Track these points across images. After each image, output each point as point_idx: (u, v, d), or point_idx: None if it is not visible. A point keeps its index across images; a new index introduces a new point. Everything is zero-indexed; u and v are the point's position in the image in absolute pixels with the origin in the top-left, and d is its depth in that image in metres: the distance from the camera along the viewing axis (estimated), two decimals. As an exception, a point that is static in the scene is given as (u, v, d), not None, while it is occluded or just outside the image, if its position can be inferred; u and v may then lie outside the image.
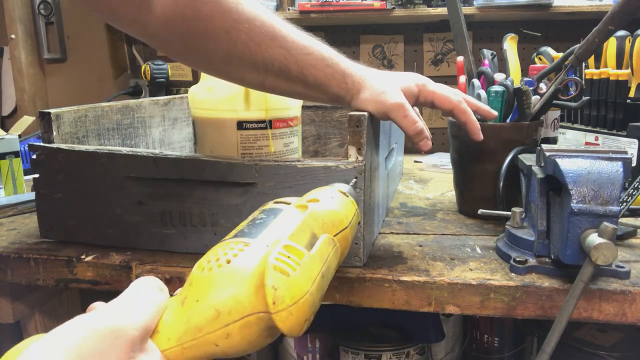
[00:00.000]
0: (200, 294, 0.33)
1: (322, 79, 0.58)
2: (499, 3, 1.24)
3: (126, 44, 1.57)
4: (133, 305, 0.32)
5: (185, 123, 0.98)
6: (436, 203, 0.87)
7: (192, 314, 0.32)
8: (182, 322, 0.32)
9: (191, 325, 0.32)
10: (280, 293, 0.32)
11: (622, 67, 0.88)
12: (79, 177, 0.65)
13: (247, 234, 0.37)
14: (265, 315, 0.32)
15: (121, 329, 0.30)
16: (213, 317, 0.32)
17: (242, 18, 0.55)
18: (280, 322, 0.32)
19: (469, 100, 0.65)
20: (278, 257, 0.34)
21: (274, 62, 0.57)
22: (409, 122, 0.58)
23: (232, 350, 0.33)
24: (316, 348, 1.03)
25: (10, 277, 0.65)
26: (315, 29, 1.42)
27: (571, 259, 0.50)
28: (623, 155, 0.53)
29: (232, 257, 0.34)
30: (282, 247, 0.35)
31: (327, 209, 0.42)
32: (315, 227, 0.39)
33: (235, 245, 0.35)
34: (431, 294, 0.56)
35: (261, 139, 0.74)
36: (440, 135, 1.46)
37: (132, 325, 0.31)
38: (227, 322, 0.32)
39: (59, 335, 0.30)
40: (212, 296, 0.32)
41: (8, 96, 1.59)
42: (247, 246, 0.35)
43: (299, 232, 0.37)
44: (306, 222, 0.39)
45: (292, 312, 0.32)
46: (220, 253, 0.34)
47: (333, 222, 0.42)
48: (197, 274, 0.34)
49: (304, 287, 0.34)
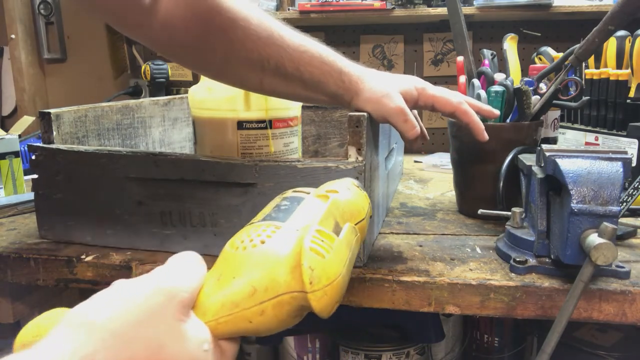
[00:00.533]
0: (236, 271, 0.34)
1: (319, 76, 0.58)
2: (499, 3, 1.24)
3: (126, 44, 1.57)
4: (183, 272, 0.34)
5: (185, 123, 0.98)
6: (436, 203, 0.87)
7: (228, 290, 0.34)
8: (219, 297, 0.34)
9: (227, 300, 0.33)
10: (316, 273, 0.34)
11: (622, 67, 0.88)
12: (78, 177, 0.65)
13: (276, 218, 0.38)
14: (298, 295, 0.34)
15: (176, 290, 0.32)
16: (250, 293, 0.33)
17: (238, 17, 0.56)
18: (315, 302, 0.34)
19: (470, 101, 0.65)
20: (313, 239, 0.35)
21: (270, 60, 0.57)
22: (409, 126, 0.58)
23: (263, 327, 0.34)
24: (316, 348, 1.03)
25: (10, 277, 0.65)
26: (315, 29, 1.43)
27: (571, 259, 0.50)
28: (623, 155, 0.53)
29: (266, 238, 0.35)
30: (315, 231, 0.36)
31: (347, 199, 0.44)
32: (338, 216, 0.41)
33: (267, 228, 0.36)
34: (431, 294, 0.56)
35: (261, 139, 0.74)
36: (440, 135, 1.46)
37: (185, 287, 0.33)
38: (263, 300, 0.33)
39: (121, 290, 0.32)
40: (248, 274, 0.34)
41: (8, 96, 1.59)
42: (279, 229, 0.36)
43: (326, 218, 0.39)
44: (330, 210, 0.40)
45: (327, 292, 0.34)
46: (254, 234, 0.36)
47: (352, 212, 0.43)
48: (231, 252, 0.35)
49: (338, 268, 0.36)
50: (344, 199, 0.43)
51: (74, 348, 0.28)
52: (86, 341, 0.28)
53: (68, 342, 0.28)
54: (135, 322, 0.30)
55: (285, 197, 0.42)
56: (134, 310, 0.30)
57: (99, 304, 0.31)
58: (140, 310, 0.30)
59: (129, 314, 0.30)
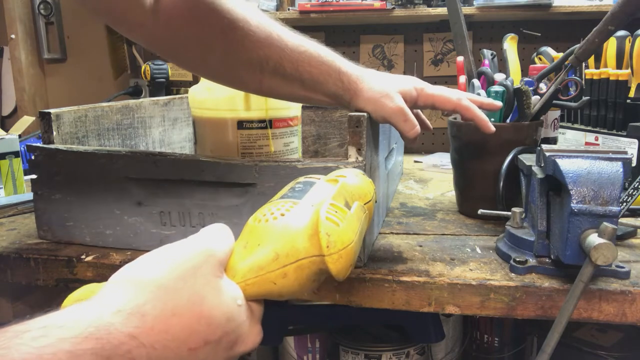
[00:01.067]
0: (260, 239, 0.39)
1: (318, 76, 0.58)
2: (499, 3, 1.24)
3: (126, 44, 1.57)
4: (217, 236, 0.39)
5: (185, 123, 0.98)
6: (436, 203, 0.87)
7: (254, 256, 0.38)
8: (246, 262, 0.38)
9: (254, 264, 0.38)
10: (333, 238, 0.39)
11: (622, 67, 0.88)
12: (77, 177, 0.65)
13: (292, 197, 0.42)
14: (317, 259, 0.38)
15: (213, 250, 0.37)
16: (273, 258, 0.38)
17: (237, 18, 0.56)
18: (332, 264, 0.38)
19: (470, 96, 0.65)
20: (328, 210, 0.40)
21: (269, 61, 0.57)
22: (409, 126, 0.58)
23: (286, 289, 0.38)
24: (316, 348, 1.03)
25: (10, 277, 0.65)
26: (315, 29, 1.43)
27: (571, 259, 0.50)
28: (623, 156, 0.53)
29: (285, 211, 0.40)
30: (329, 205, 0.41)
31: (355, 183, 0.48)
32: (347, 196, 0.45)
33: (286, 203, 0.41)
34: (431, 294, 0.56)
35: (261, 139, 0.74)
36: (440, 135, 1.46)
37: (221, 249, 0.38)
38: (285, 264, 0.38)
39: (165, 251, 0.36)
40: (272, 242, 0.38)
41: (8, 96, 1.59)
42: (296, 204, 0.41)
43: (337, 196, 0.43)
44: (340, 191, 0.45)
45: (342, 255, 0.39)
46: (274, 209, 0.40)
47: (360, 194, 0.47)
48: (254, 224, 0.40)
49: (351, 235, 0.40)
50: (352, 182, 0.47)
51: (126, 299, 0.31)
52: (135, 294, 0.32)
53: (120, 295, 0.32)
54: (178, 277, 0.34)
55: (298, 182, 0.47)
56: (177, 267, 0.34)
57: (145, 263, 0.35)
58: (183, 267, 0.34)
59: (173, 270, 0.34)
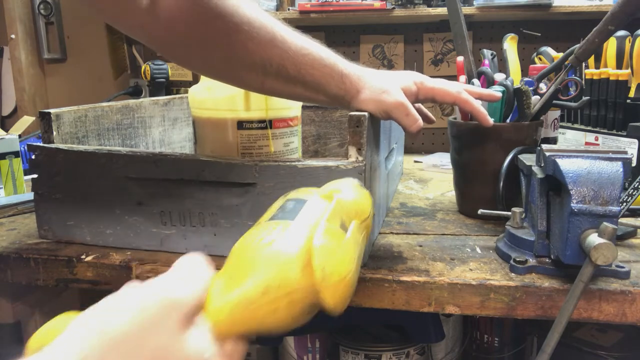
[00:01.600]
0: (248, 270, 0.34)
1: (320, 78, 0.58)
2: (499, 3, 1.24)
3: (126, 44, 1.57)
4: (185, 279, 0.34)
5: (185, 123, 0.98)
6: (436, 203, 0.87)
7: (241, 289, 0.34)
8: (232, 296, 0.34)
9: (242, 298, 0.33)
10: (328, 271, 0.34)
11: (622, 67, 0.88)
12: (78, 177, 0.65)
13: (282, 218, 0.38)
14: (311, 292, 0.34)
15: (177, 301, 0.32)
16: (263, 291, 0.33)
17: (242, 20, 0.56)
18: (328, 298, 0.34)
19: (469, 88, 0.65)
20: (322, 238, 0.36)
21: (272, 63, 0.57)
22: (411, 120, 0.59)
23: (277, 324, 0.34)
24: (316, 348, 1.03)
25: (10, 277, 0.65)
26: (315, 29, 1.43)
27: (571, 259, 0.50)
28: (623, 155, 0.53)
29: (276, 237, 0.36)
30: (323, 229, 0.36)
31: (351, 198, 0.43)
32: (344, 215, 0.41)
33: (276, 226, 0.37)
34: (431, 294, 0.56)
35: (261, 139, 0.74)
36: (440, 135, 1.46)
37: (186, 298, 0.33)
38: (276, 296, 0.33)
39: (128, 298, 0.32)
40: (261, 272, 0.34)
41: (8, 96, 1.59)
42: (287, 228, 0.37)
43: (333, 217, 0.39)
44: (336, 210, 0.40)
45: (339, 289, 0.35)
46: (264, 233, 0.36)
47: (357, 211, 0.43)
48: (241, 251, 0.36)
49: (348, 265, 0.36)
50: (348, 198, 0.43)
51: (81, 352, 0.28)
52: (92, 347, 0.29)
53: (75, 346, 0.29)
54: (140, 331, 0.30)
55: (288, 199, 0.43)
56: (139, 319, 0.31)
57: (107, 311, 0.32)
58: (145, 320, 0.31)
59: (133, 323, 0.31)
